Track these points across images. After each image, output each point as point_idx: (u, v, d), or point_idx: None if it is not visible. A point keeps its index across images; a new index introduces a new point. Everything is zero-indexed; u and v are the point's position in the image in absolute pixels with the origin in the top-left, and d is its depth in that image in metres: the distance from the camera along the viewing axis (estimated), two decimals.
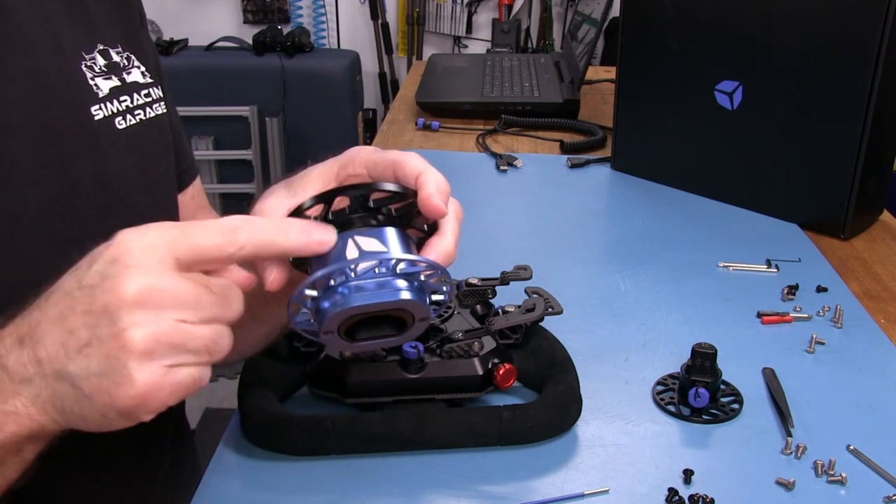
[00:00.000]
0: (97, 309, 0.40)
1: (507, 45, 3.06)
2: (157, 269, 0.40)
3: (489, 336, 0.70)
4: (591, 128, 1.44)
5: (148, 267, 0.40)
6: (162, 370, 0.41)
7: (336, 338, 0.45)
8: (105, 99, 0.61)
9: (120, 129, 0.62)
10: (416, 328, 0.47)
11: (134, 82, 0.64)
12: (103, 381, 0.40)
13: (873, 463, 0.64)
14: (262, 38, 2.99)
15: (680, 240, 1.03)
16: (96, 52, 0.62)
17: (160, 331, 0.40)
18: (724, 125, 1.09)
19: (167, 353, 0.41)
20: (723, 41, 1.07)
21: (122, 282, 0.40)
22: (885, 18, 0.91)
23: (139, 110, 0.64)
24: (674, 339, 0.81)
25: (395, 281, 0.44)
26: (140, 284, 0.40)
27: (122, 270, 0.40)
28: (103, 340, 0.40)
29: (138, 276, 0.40)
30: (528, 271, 0.77)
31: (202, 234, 0.42)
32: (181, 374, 0.41)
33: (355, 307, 0.43)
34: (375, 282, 0.44)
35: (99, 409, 0.41)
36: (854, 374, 0.76)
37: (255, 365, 0.70)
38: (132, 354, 0.40)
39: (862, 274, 0.96)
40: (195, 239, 0.42)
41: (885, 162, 1.05)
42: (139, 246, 0.41)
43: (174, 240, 0.41)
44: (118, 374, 0.40)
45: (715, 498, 0.60)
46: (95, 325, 0.40)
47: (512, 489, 0.62)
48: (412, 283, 0.45)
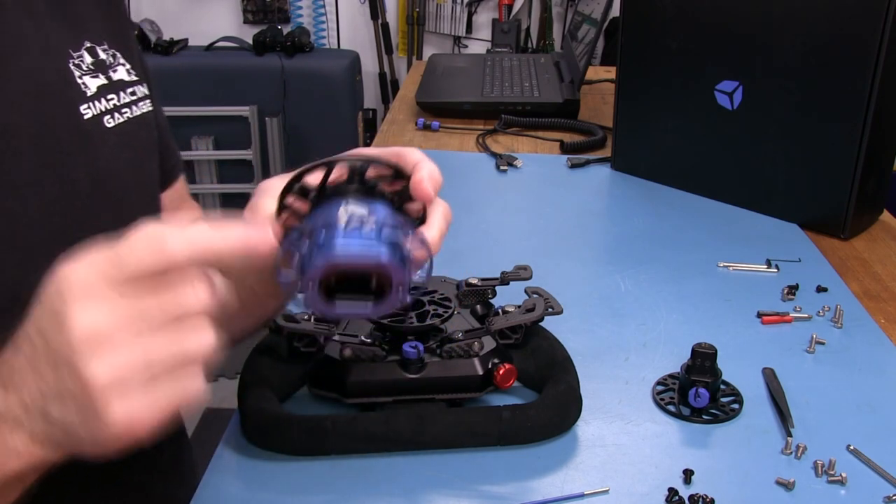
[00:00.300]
0: (56, 357, 0.40)
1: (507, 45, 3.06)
2: (97, 298, 0.39)
3: (489, 336, 0.70)
4: (591, 128, 1.44)
5: (88, 297, 0.39)
6: (138, 398, 0.40)
7: (315, 294, 0.46)
8: (93, 98, 0.61)
9: (109, 127, 0.61)
10: (392, 300, 0.48)
11: (120, 80, 0.64)
12: (85, 424, 0.40)
13: (873, 463, 0.64)
14: (262, 38, 2.99)
15: (680, 240, 1.03)
16: (83, 49, 0.62)
17: (118, 363, 0.39)
18: (724, 125, 1.09)
19: (135, 380, 0.40)
20: (723, 41, 1.07)
21: (68, 322, 0.39)
22: (885, 18, 0.91)
23: (126, 108, 0.64)
24: (674, 339, 0.81)
25: (379, 243, 0.46)
26: (84, 321, 0.39)
27: (65, 308, 0.39)
28: (70, 389, 0.39)
29: (81, 313, 0.39)
30: (528, 271, 0.77)
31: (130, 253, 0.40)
32: (161, 392, 0.40)
33: (339, 257, 0.45)
34: (360, 241, 0.46)
35: (91, 443, 0.41)
36: (854, 374, 0.76)
37: (255, 365, 0.70)
38: (100, 395, 0.39)
39: (862, 274, 0.96)
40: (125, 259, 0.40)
41: (885, 162, 1.05)
42: (76, 278, 0.40)
43: (108, 264, 0.40)
44: (95, 416, 0.39)
45: (715, 498, 0.60)
46: (59, 373, 0.40)
47: (512, 489, 0.62)
48: (395, 249, 0.47)
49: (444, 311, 0.72)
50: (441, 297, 0.74)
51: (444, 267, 0.83)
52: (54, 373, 0.40)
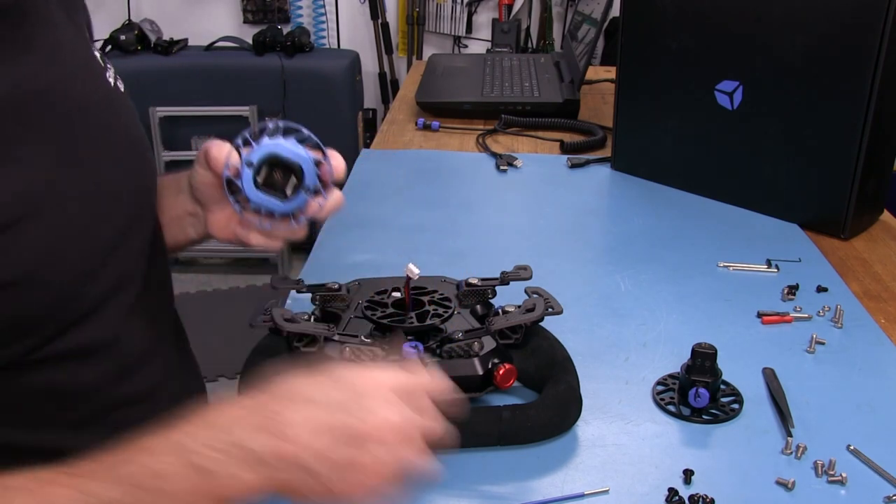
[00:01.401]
0: (357, 435, 0.48)
1: (507, 45, 3.05)
2: (396, 403, 0.50)
3: (489, 336, 0.70)
4: (591, 128, 1.44)
5: (390, 401, 0.50)
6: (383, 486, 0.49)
7: (249, 176, 0.62)
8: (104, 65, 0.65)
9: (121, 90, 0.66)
10: (299, 200, 0.63)
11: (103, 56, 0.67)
12: (346, 485, 0.48)
13: (873, 463, 0.64)
14: (262, 37, 2.99)
15: (680, 240, 1.03)
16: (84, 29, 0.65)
17: (395, 459, 0.49)
18: (724, 125, 1.09)
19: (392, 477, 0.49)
20: (723, 41, 1.07)
21: (378, 418, 0.49)
22: (885, 18, 0.91)
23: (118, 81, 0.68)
24: (674, 339, 0.81)
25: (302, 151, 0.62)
26: (388, 415, 0.49)
27: (376, 406, 0.49)
28: (361, 463, 0.48)
29: (386, 408, 0.49)
30: (528, 271, 0.77)
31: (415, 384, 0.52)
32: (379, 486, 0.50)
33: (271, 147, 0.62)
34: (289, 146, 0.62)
35: (327, 494, 0.48)
36: (854, 374, 0.76)
37: (255, 365, 0.70)
38: (375, 478, 0.48)
39: (862, 274, 0.96)
40: (412, 386, 0.51)
41: (885, 162, 1.05)
42: (378, 384, 0.50)
43: (401, 384, 0.51)
44: (358, 484, 0.48)
45: (715, 498, 0.60)
46: (355, 449, 0.48)
47: (512, 489, 0.62)
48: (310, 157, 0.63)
49: (444, 311, 0.72)
50: (441, 297, 0.74)
51: (444, 267, 0.83)
52: (350, 446, 0.48)
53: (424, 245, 1.01)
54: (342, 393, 0.50)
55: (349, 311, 0.74)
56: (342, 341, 0.68)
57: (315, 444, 0.48)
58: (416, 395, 0.51)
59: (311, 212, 0.64)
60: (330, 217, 0.67)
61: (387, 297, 0.75)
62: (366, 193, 1.17)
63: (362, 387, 0.50)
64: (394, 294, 0.75)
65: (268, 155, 0.62)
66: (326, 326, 0.68)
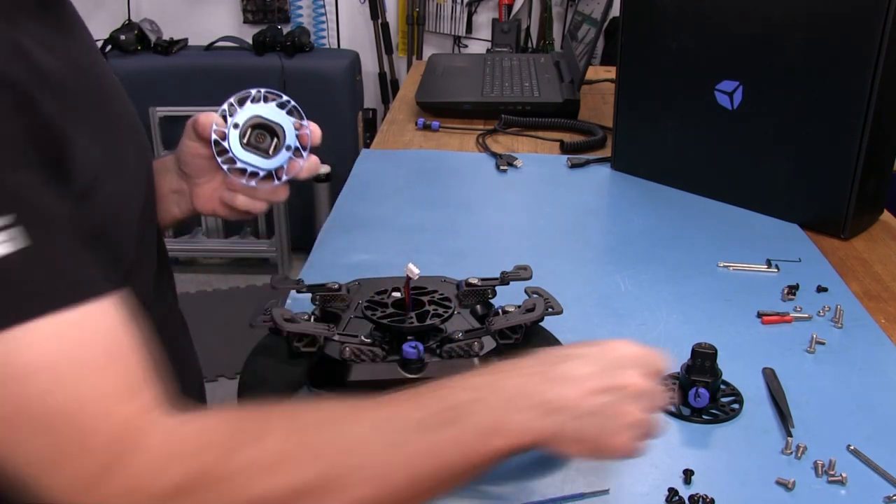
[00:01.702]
0: (620, 389, 0.52)
1: (507, 45, 3.05)
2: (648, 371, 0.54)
3: (489, 336, 0.69)
4: (591, 128, 1.44)
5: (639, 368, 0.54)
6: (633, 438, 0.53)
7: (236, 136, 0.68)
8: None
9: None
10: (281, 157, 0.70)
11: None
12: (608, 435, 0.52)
13: (873, 463, 0.64)
14: (261, 37, 2.99)
15: (680, 240, 1.03)
16: None
17: (646, 415, 0.53)
18: (724, 125, 1.09)
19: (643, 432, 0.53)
20: (723, 41, 1.07)
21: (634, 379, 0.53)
22: (885, 18, 0.91)
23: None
24: (674, 339, 0.81)
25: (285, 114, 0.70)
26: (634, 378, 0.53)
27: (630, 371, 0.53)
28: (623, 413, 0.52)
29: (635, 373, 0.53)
30: (528, 271, 0.77)
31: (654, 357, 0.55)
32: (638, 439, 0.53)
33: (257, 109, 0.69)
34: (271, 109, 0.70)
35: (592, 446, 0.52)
36: (854, 374, 0.76)
37: (254, 365, 0.70)
38: (632, 430, 0.52)
39: (862, 274, 0.96)
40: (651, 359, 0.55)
41: (885, 162, 1.05)
42: (623, 352, 0.55)
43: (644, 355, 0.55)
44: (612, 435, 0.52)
45: (715, 498, 0.60)
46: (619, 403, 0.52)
47: (512, 489, 0.62)
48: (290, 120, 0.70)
49: (444, 311, 0.72)
50: (441, 297, 0.74)
51: (444, 267, 0.83)
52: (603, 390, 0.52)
53: (424, 245, 1.01)
54: (604, 355, 0.55)
55: (349, 311, 0.74)
56: (342, 341, 0.68)
57: (590, 391, 0.52)
58: (653, 368, 0.55)
59: (292, 171, 0.71)
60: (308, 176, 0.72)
61: (387, 297, 0.75)
62: (366, 193, 1.17)
63: (618, 353, 0.55)
64: (394, 294, 0.75)
65: (252, 117, 0.69)
66: (326, 326, 0.68)
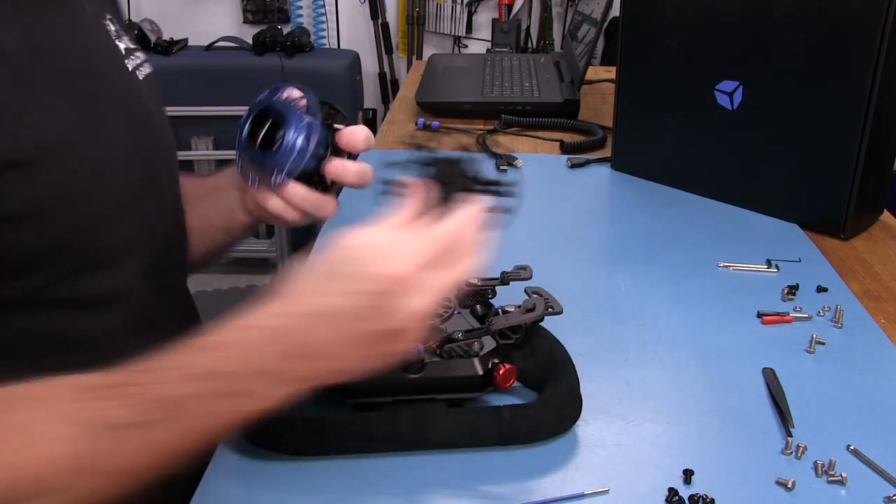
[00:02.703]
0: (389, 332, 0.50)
1: (507, 45, 3.05)
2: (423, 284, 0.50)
3: (489, 336, 0.70)
4: (591, 128, 1.44)
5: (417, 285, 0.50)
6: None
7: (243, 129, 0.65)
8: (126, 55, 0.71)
9: (140, 79, 0.72)
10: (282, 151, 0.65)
11: (128, 48, 0.73)
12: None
13: (873, 463, 0.64)
14: (261, 37, 2.99)
15: (680, 240, 1.03)
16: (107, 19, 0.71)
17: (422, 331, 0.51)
18: (724, 125, 1.09)
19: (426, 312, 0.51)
20: (723, 41, 1.07)
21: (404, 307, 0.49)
22: (885, 18, 0.91)
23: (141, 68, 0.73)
24: (674, 339, 0.81)
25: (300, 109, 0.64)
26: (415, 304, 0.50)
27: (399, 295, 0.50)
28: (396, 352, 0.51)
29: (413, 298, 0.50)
30: (528, 271, 0.77)
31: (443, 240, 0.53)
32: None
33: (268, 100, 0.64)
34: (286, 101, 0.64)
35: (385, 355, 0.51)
36: (854, 374, 0.76)
37: None
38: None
39: (862, 274, 0.96)
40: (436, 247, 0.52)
41: (885, 162, 1.05)
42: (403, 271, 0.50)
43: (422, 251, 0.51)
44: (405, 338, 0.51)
45: (715, 498, 0.60)
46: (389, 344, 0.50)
47: (512, 489, 0.62)
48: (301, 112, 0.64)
49: (444, 311, 0.72)
50: None
51: None
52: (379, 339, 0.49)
53: None
54: (367, 294, 0.49)
55: None
56: None
57: (352, 356, 0.49)
58: (450, 251, 0.51)
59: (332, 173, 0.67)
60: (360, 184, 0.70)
61: None
62: (366, 193, 1.17)
63: (387, 282, 0.49)
64: None
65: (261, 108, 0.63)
66: None
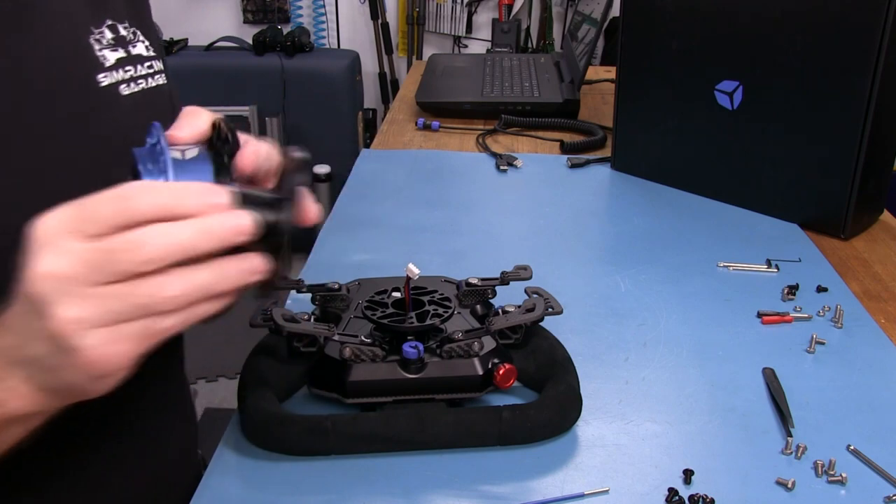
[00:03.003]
0: (26, 300, 0.44)
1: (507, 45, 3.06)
2: (62, 244, 0.43)
3: (489, 336, 0.70)
4: (591, 128, 1.44)
5: (51, 245, 0.43)
6: (104, 334, 0.43)
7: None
8: (111, 68, 0.67)
9: (124, 95, 0.68)
10: None
11: (139, 55, 0.70)
12: (58, 360, 0.44)
13: (873, 463, 0.64)
14: (262, 37, 2.99)
15: (680, 240, 1.03)
16: (105, 27, 0.68)
17: (79, 303, 0.43)
18: (724, 125, 1.09)
19: (99, 319, 0.43)
20: (723, 41, 1.07)
21: (32, 267, 0.43)
22: (885, 18, 0.91)
23: (142, 79, 0.70)
24: (674, 339, 0.81)
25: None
26: (47, 264, 0.43)
27: (31, 255, 0.44)
28: (38, 328, 0.44)
29: (44, 258, 0.43)
30: (528, 271, 0.77)
31: (95, 205, 0.44)
32: (128, 330, 0.44)
33: None
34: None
35: (73, 380, 0.45)
36: (854, 374, 0.76)
37: (254, 365, 0.70)
38: (65, 330, 0.43)
39: (862, 274, 0.96)
40: (90, 210, 0.44)
41: (885, 162, 1.05)
42: (43, 228, 0.44)
43: (73, 214, 0.44)
44: (65, 352, 0.43)
45: (715, 498, 0.60)
46: (29, 316, 0.44)
47: (512, 489, 0.62)
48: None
49: (444, 311, 0.72)
50: (441, 297, 0.74)
51: (444, 267, 0.83)
52: (27, 316, 0.44)
53: (424, 245, 1.01)
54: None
55: (349, 311, 0.74)
56: (342, 341, 0.68)
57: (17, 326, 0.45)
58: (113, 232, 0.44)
59: None
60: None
61: (387, 297, 0.75)
62: (366, 193, 1.17)
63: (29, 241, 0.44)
64: (394, 294, 0.75)
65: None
66: (326, 326, 0.68)
